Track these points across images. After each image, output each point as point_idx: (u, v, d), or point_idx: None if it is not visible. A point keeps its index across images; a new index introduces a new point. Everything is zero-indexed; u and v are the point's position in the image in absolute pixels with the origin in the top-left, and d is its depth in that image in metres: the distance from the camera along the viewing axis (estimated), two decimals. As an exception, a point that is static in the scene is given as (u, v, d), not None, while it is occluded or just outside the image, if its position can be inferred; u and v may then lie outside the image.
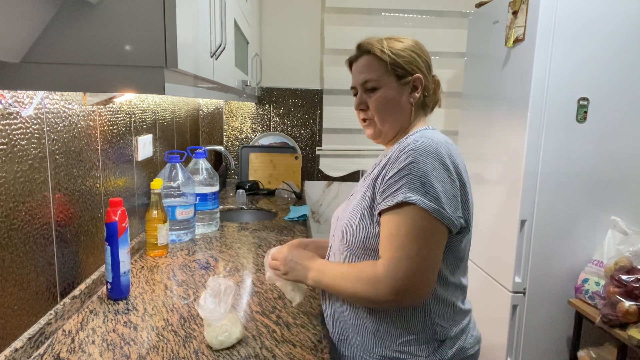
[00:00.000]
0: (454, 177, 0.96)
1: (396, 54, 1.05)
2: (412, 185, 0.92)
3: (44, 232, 1.06)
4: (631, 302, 1.69)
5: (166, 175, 1.76)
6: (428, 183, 0.92)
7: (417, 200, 0.92)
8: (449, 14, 3.07)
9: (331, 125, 3.14)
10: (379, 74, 1.06)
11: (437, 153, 0.95)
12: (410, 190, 0.92)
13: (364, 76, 1.07)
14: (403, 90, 1.07)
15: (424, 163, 0.93)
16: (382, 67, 1.06)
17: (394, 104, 1.06)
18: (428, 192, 0.92)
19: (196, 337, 1.08)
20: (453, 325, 1.05)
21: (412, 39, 1.10)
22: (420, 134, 1.01)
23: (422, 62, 1.08)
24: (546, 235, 2.00)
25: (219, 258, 1.63)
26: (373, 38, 1.09)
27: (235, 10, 1.71)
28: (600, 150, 1.96)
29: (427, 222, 0.92)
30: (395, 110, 1.07)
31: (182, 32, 0.83)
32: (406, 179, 0.93)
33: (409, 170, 0.94)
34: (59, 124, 1.12)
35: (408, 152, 0.95)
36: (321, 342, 1.08)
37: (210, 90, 1.41)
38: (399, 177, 0.94)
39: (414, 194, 0.92)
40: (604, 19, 1.88)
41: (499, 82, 2.20)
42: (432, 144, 0.96)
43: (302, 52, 3.06)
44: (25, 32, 0.72)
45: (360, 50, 1.10)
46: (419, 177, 0.93)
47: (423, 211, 0.92)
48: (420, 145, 0.95)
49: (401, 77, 1.06)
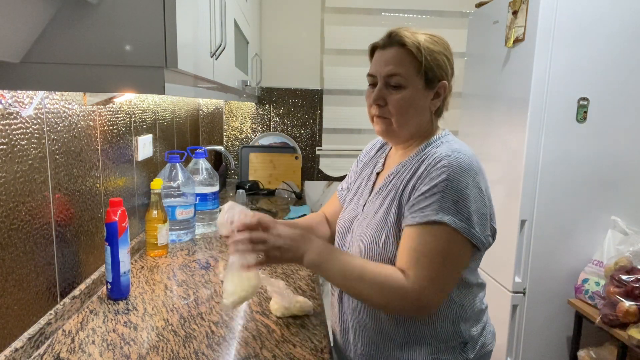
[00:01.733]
0: (484, 195, 0.94)
1: (432, 57, 0.98)
2: (444, 204, 0.89)
3: (44, 232, 1.06)
4: (631, 302, 1.69)
5: (166, 175, 1.76)
6: (461, 202, 0.89)
7: (449, 220, 0.88)
8: (449, 14, 3.07)
9: (331, 125, 3.14)
10: (408, 72, 0.97)
11: (471, 170, 0.91)
12: (441, 209, 0.89)
13: (390, 69, 0.98)
14: (427, 95, 1.00)
15: (458, 181, 0.90)
16: (414, 66, 0.97)
17: (416, 108, 0.99)
18: (460, 212, 0.89)
19: (196, 337, 1.08)
20: (475, 323, 1.05)
21: (444, 39, 1.03)
22: (448, 147, 0.96)
23: (450, 69, 1.02)
24: (546, 235, 2.00)
25: (219, 258, 1.63)
26: (407, 29, 0.99)
27: (235, 10, 1.71)
28: (600, 150, 1.96)
29: (456, 242, 0.90)
30: (416, 115, 1.00)
31: (182, 32, 0.83)
32: (438, 197, 0.90)
33: (442, 187, 0.90)
34: (59, 124, 1.12)
35: (441, 168, 0.91)
36: (321, 342, 1.08)
37: (210, 90, 1.41)
38: (431, 194, 0.90)
39: (445, 213, 0.89)
40: (604, 19, 1.88)
41: (499, 82, 2.20)
42: (465, 159, 0.92)
43: (302, 52, 3.06)
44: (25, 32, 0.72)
45: (391, 40, 0.99)
46: (452, 195, 0.89)
47: (454, 231, 0.89)
48: (454, 162, 0.91)
49: (430, 81, 0.99)
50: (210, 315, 1.19)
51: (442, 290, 0.92)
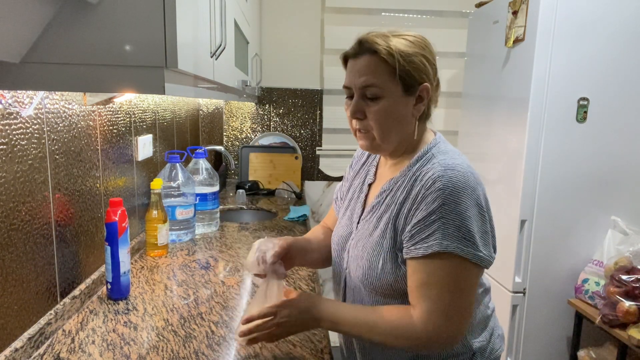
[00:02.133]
0: (484, 211, 0.88)
1: (407, 60, 0.90)
2: (446, 231, 0.84)
3: (44, 232, 1.06)
4: (631, 302, 1.69)
5: (166, 175, 1.76)
6: (464, 227, 0.84)
7: (455, 249, 0.83)
8: (449, 14, 3.07)
9: (331, 125, 3.14)
10: (383, 81, 0.91)
11: (467, 188, 0.85)
12: (444, 237, 0.83)
13: (365, 80, 0.91)
14: (408, 102, 0.93)
15: (457, 204, 0.84)
16: (388, 72, 0.90)
17: (397, 117, 0.93)
18: (464, 238, 0.84)
19: (196, 337, 1.08)
20: (482, 331, 1.02)
21: (419, 37, 0.95)
22: (440, 163, 0.89)
23: (431, 69, 0.94)
24: (546, 235, 2.00)
25: (219, 258, 1.63)
26: (376, 33, 0.93)
27: (235, 10, 1.71)
28: (600, 150, 1.96)
29: (465, 269, 0.86)
30: (398, 125, 0.93)
31: (182, 32, 0.83)
32: (439, 224, 0.84)
33: (440, 214, 0.84)
34: (59, 124, 1.12)
35: (436, 192, 0.85)
36: (321, 342, 1.08)
37: (210, 90, 1.41)
38: (431, 222, 0.85)
39: (450, 241, 0.83)
40: (604, 19, 1.88)
41: (499, 82, 2.19)
42: (460, 177, 0.86)
43: (302, 52, 3.06)
44: (25, 32, 0.72)
45: (362, 48, 0.93)
46: (453, 220, 0.84)
47: (461, 259, 0.84)
48: (448, 183, 0.85)
49: (409, 86, 0.92)
50: (210, 315, 1.19)
51: (456, 323, 0.87)
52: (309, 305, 0.95)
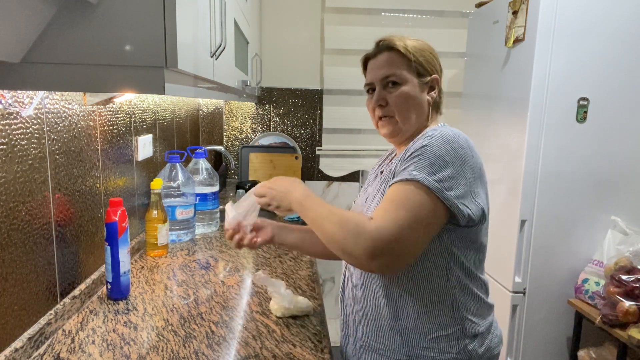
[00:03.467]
0: (468, 166, 0.94)
1: (419, 53, 1.05)
2: (420, 165, 0.91)
3: (44, 232, 1.06)
4: (631, 302, 1.69)
5: (166, 175, 1.76)
6: (437, 165, 0.91)
7: (421, 178, 0.90)
8: (449, 14, 3.07)
9: (331, 125, 3.14)
10: (401, 70, 1.04)
11: (454, 141, 0.93)
12: (416, 169, 0.91)
13: (384, 71, 1.05)
14: (423, 89, 1.06)
15: (438, 148, 0.92)
16: (405, 64, 1.05)
17: (416, 101, 1.05)
18: (434, 173, 0.90)
19: (196, 337, 1.08)
20: (480, 319, 1.03)
21: (423, 40, 1.11)
22: (439, 127, 1.00)
23: (438, 64, 1.09)
24: (546, 235, 2.00)
25: (219, 258, 1.63)
26: (393, 36, 1.08)
27: (235, 10, 1.71)
28: (600, 150, 1.96)
29: (426, 198, 0.89)
30: (417, 108, 1.06)
31: (182, 32, 0.83)
32: (416, 160, 0.92)
33: (420, 152, 0.93)
34: (59, 124, 1.12)
35: (424, 139, 0.95)
36: (321, 342, 1.08)
37: (210, 90, 1.41)
38: (410, 159, 0.94)
39: (419, 172, 0.90)
40: (604, 19, 1.88)
41: (499, 82, 2.20)
42: (451, 133, 0.95)
43: (302, 52, 3.06)
44: (25, 32, 0.72)
45: (380, 47, 1.08)
46: (429, 158, 0.91)
47: (424, 187, 0.89)
48: (437, 133, 0.95)
49: (422, 75, 1.06)
50: (210, 315, 1.19)
51: (399, 240, 0.87)
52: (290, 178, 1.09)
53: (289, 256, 1.67)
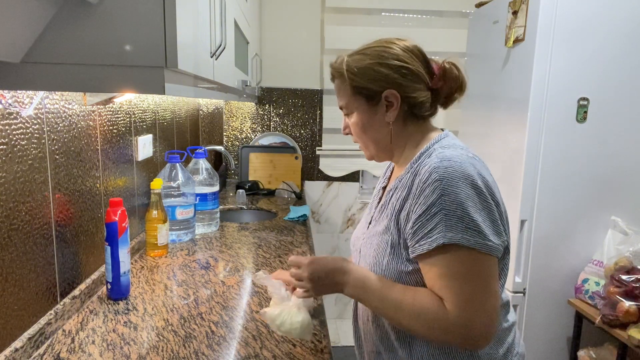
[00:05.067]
0: (488, 199, 0.84)
1: (357, 74, 0.94)
2: (449, 222, 0.82)
3: (44, 232, 1.06)
4: (631, 302, 1.69)
5: (166, 175, 1.76)
6: (466, 216, 0.81)
7: (460, 240, 0.81)
8: (449, 14, 3.07)
9: (331, 125, 3.14)
10: (347, 99, 0.98)
11: (466, 177, 0.83)
12: (448, 229, 0.81)
13: (338, 101, 1.02)
14: (376, 111, 0.96)
15: (456, 194, 0.82)
16: (349, 90, 0.97)
17: (368, 127, 0.98)
18: (468, 227, 0.81)
19: (196, 337, 1.08)
20: (498, 346, 0.95)
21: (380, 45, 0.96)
22: (437, 155, 0.88)
23: (395, 73, 0.93)
24: (546, 235, 2.00)
25: (219, 258, 1.63)
26: (339, 57, 0.99)
27: (235, 10, 1.71)
28: (600, 150, 1.96)
29: (477, 260, 0.83)
30: (374, 133, 0.98)
31: (182, 32, 0.83)
32: (440, 216, 0.82)
33: (440, 205, 0.82)
34: (59, 124, 1.12)
35: (433, 184, 0.83)
36: (321, 342, 1.08)
37: (210, 90, 1.41)
38: (431, 216, 0.83)
39: (454, 233, 0.81)
40: (604, 19, 1.88)
41: (499, 82, 2.20)
42: (457, 167, 0.84)
43: (302, 52, 3.06)
44: (25, 32, 0.72)
45: (331, 75, 1.02)
46: (454, 210, 0.82)
47: (469, 249, 0.82)
48: (444, 173, 0.83)
49: (370, 97, 0.95)
50: (210, 315, 1.19)
51: (485, 312, 0.82)
52: (336, 268, 0.94)
53: (289, 256, 1.66)
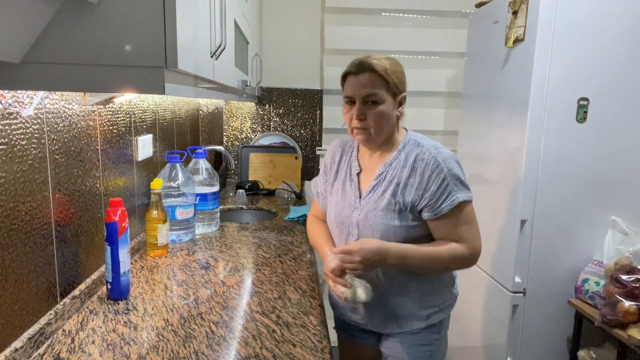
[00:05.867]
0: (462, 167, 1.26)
1: (395, 75, 1.23)
2: (458, 188, 1.22)
3: (44, 232, 1.06)
4: (631, 302, 1.69)
5: (166, 175, 1.76)
6: (463, 182, 1.24)
7: (465, 197, 1.22)
8: (449, 14, 3.07)
9: (331, 125, 3.14)
10: (382, 91, 1.22)
11: (452, 157, 1.24)
12: (459, 192, 1.22)
13: (367, 90, 1.21)
14: (395, 106, 1.26)
15: (453, 168, 1.22)
16: (384, 85, 1.22)
17: (388, 118, 1.25)
18: (466, 188, 1.24)
19: (196, 337, 1.08)
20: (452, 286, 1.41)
21: (394, 58, 1.27)
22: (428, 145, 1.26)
23: (406, 81, 1.29)
24: (546, 235, 2.00)
25: (219, 258, 1.63)
26: (372, 57, 1.23)
27: (235, 10, 1.71)
28: (600, 150, 1.96)
29: (472, 208, 1.27)
30: (389, 123, 1.26)
31: (182, 32, 0.83)
32: (451, 186, 1.21)
33: (450, 178, 1.21)
34: (59, 124, 1.12)
35: (440, 165, 1.21)
36: (321, 342, 1.08)
37: (210, 90, 1.41)
38: (445, 187, 1.21)
39: (460, 194, 1.22)
40: (604, 19, 1.88)
41: (499, 82, 2.19)
42: (445, 152, 1.24)
43: (302, 52, 3.05)
44: (25, 32, 0.72)
45: (363, 67, 1.22)
46: (457, 179, 1.22)
47: (468, 203, 1.25)
48: (441, 156, 1.22)
49: (395, 95, 1.25)
50: (210, 315, 1.19)
51: (480, 241, 1.28)
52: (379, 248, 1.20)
53: (289, 256, 1.67)
